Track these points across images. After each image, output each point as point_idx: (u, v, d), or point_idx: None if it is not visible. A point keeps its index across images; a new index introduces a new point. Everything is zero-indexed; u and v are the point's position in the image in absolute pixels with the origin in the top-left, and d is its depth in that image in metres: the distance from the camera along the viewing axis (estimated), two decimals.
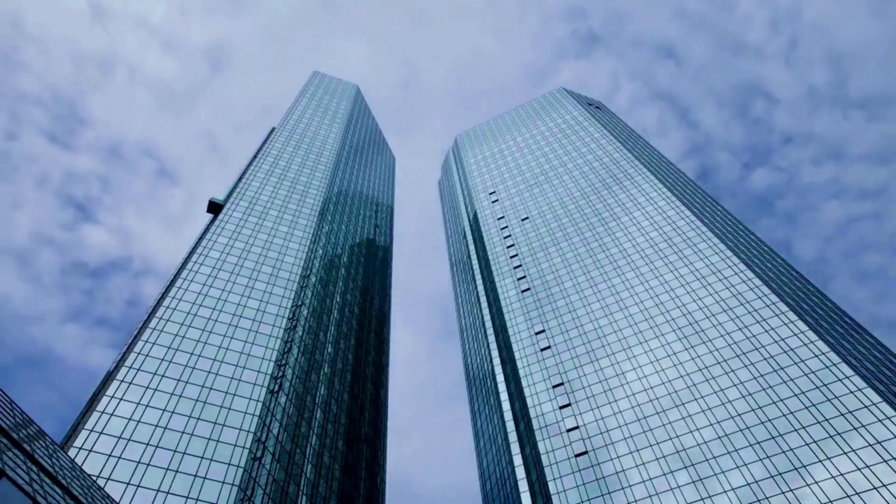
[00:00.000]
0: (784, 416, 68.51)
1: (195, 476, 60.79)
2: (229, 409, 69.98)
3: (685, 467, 68.79)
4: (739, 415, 71.18)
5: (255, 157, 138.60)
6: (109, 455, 59.21)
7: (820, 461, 62.49)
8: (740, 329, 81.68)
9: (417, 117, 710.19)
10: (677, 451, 70.90)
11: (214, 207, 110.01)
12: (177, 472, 60.49)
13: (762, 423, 68.96)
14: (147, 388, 68.27)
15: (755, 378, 74.34)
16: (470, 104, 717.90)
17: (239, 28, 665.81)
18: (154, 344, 74.45)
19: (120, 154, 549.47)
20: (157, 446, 62.13)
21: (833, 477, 60.62)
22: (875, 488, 57.96)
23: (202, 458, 62.90)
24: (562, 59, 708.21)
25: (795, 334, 77.18)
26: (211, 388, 71.65)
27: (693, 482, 66.87)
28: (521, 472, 79.78)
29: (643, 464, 71.41)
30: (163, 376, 70.56)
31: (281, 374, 79.27)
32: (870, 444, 61.72)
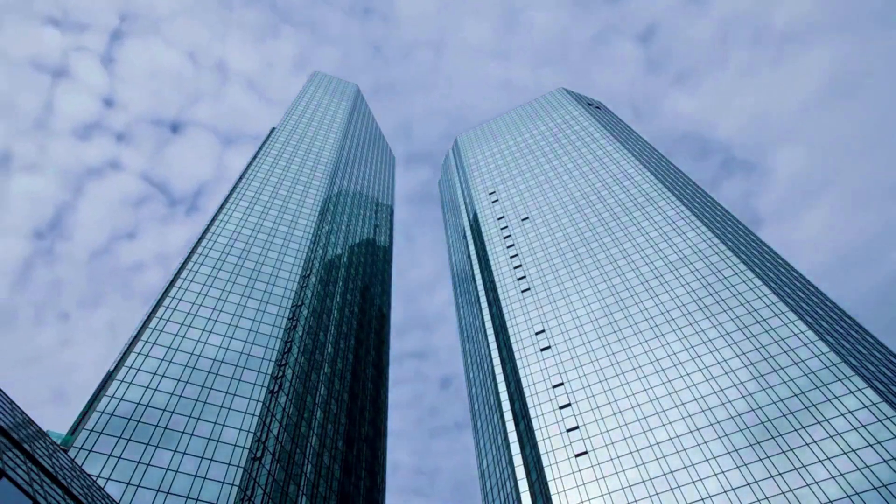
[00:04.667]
0: (784, 416, 68.52)
1: (195, 476, 60.81)
2: (229, 409, 69.99)
3: (685, 467, 68.80)
4: (739, 415, 71.20)
5: (255, 156, 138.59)
6: (109, 455, 59.23)
7: (820, 461, 62.50)
8: (740, 329, 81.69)
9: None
10: (677, 452, 70.91)
11: None
12: (177, 472, 60.51)
13: (762, 423, 68.97)
14: (147, 388, 68.29)
15: (755, 378, 74.36)
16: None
17: None
18: (154, 344, 74.47)
19: None
20: (157, 446, 62.15)
21: (833, 477, 60.63)
22: (875, 488, 57.97)
23: (202, 458, 62.92)
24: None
25: (795, 334, 77.18)
26: (211, 388, 71.67)
27: (693, 482, 66.88)
28: (521, 472, 79.78)
29: (643, 463, 71.42)
30: (163, 376, 70.59)
31: (281, 374, 79.27)
32: (870, 444, 61.73)
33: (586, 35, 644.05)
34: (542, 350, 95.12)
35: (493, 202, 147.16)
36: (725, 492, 64.29)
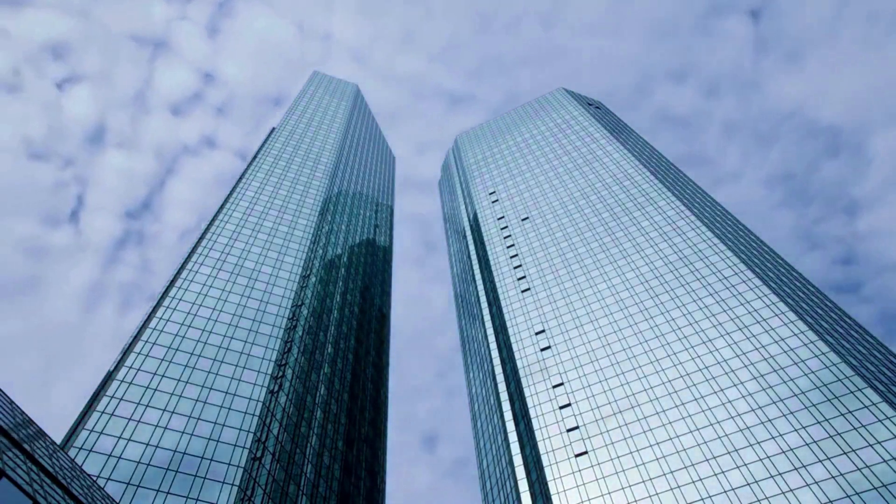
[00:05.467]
0: (784, 416, 68.51)
1: (195, 476, 60.80)
2: (229, 409, 69.99)
3: (685, 467, 68.80)
4: (739, 415, 71.20)
5: (255, 157, 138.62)
6: (109, 455, 59.22)
7: (820, 461, 62.50)
8: (740, 329, 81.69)
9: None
10: (677, 452, 70.91)
11: None
12: (177, 472, 60.49)
13: (762, 423, 68.97)
14: (147, 388, 68.28)
15: (755, 378, 74.35)
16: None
17: None
18: (154, 344, 74.46)
19: None
20: (157, 446, 62.14)
21: (833, 477, 60.63)
22: (875, 488, 57.97)
23: (202, 458, 62.91)
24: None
25: (795, 334, 77.18)
26: (211, 388, 71.67)
27: (693, 482, 66.88)
28: (521, 472, 79.79)
29: (643, 464, 71.42)
30: (163, 376, 70.57)
31: (281, 374, 79.26)
32: (870, 444, 61.72)
33: (698, 10, 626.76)
34: (542, 350, 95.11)
35: (493, 202, 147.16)
36: (725, 492, 64.29)
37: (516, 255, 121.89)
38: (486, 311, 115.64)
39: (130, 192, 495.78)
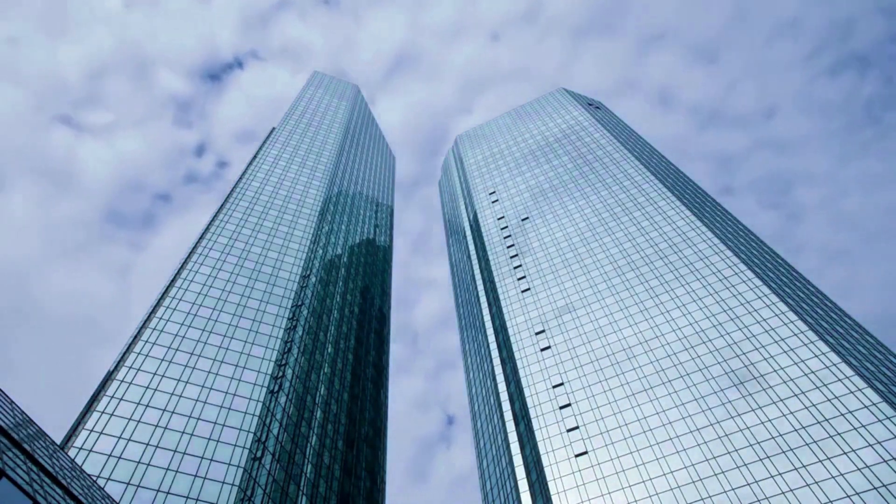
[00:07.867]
0: (784, 416, 68.51)
1: (195, 476, 60.80)
2: (229, 409, 69.98)
3: (685, 467, 68.80)
4: (739, 415, 71.20)
5: (255, 157, 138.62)
6: (109, 455, 59.22)
7: (820, 461, 62.50)
8: (740, 329, 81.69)
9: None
10: (677, 452, 70.91)
11: None
12: (177, 472, 60.50)
13: (762, 423, 68.97)
14: (147, 388, 68.28)
15: (755, 378, 74.35)
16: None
17: None
18: (154, 344, 74.45)
19: None
20: (157, 446, 62.13)
21: (833, 477, 60.63)
22: (875, 488, 57.97)
23: (202, 458, 62.91)
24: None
25: (795, 334, 77.18)
26: (211, 388, 71.66)
27: (693, 482, 66.88)
28: (521, 472, 79.78)
29: (643, 464, 71.41)
30: (163, 376, 70.57)
31: (281, 374, 79.26)
32: (870, 444, 61.73)
33: None
34: (542, 350, 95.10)
35: (493, 202, 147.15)
36: (725, 492, 64.29)
37: (516, 255, 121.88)
38: (486, 311, 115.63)
39: (427, 126, 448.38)
